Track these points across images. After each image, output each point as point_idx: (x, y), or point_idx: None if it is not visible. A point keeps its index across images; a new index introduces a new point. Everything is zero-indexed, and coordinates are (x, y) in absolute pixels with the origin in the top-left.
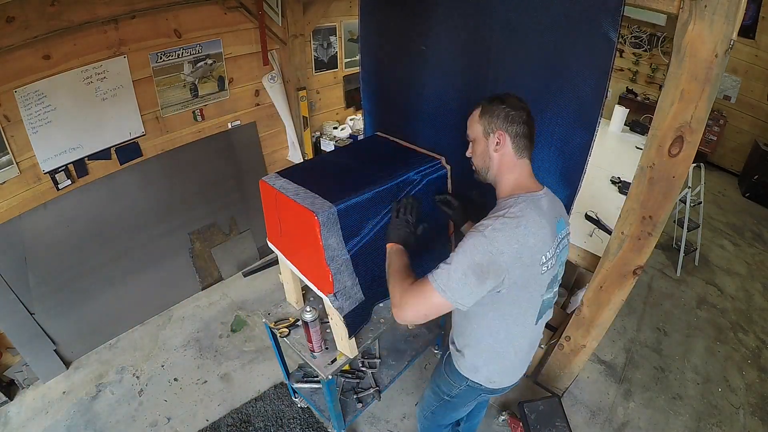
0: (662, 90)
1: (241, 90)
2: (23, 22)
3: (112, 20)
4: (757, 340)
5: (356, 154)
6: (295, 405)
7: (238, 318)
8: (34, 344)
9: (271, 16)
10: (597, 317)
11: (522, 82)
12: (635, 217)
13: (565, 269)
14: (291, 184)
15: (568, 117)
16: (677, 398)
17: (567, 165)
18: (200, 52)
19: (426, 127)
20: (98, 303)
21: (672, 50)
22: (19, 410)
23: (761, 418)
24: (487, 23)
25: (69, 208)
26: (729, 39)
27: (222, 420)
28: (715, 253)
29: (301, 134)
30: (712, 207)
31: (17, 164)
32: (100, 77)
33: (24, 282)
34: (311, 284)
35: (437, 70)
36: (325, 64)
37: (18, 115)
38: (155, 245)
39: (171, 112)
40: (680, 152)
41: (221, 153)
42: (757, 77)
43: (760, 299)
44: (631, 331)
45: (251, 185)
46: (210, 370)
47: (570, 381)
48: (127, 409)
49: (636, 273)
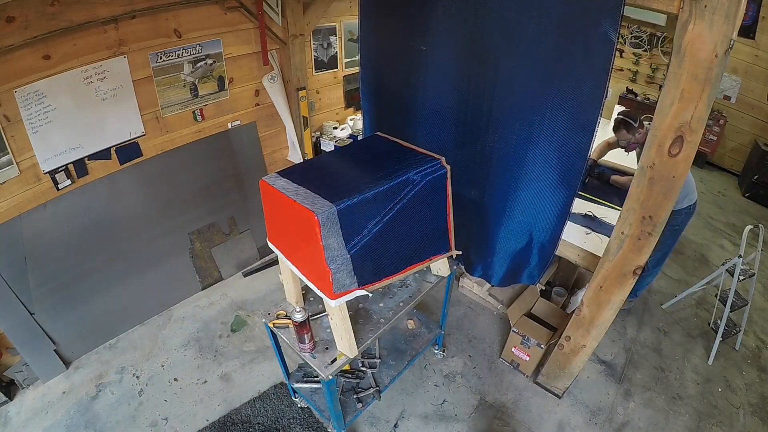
0: (662, 90)
1: (241, 90)
2: (23, 22)
3: (112, 20)
4: (757, 340)
5: (356, 154)
6: (295, 405)
7: (238, 318)
8: (34, 344)
9: (271, 16)
10: (597, 317)
11: (521, 82)
12: (635, 217)
13: (565, 269)
14: (291, 184)
15: (568, 117)
16: (677, 398)
17: (566, 165)
18: (200, 52)
19: (426, 127)
20: (98, 303)
21: (672, 50)
22: (19, 410)
23: (761, 418)
24: (486, 23)
25: (69, 208)
26: (729, 39)
27: (222, 420)
28: (715, 252)
29: (301, 134)
30: (712, 207)
31: (17, 164)
32: (100, 77)
33: (24, 282)
34: (311, 284)
35: (437, 70)
36: (325, 64)
37: (18, 115)
38: (155, 245)
39: (171, 112)
40: (680, 152)
41: (221, 153)
42: (757, 77)
43: (760, 299)
44: (631, 331)
45: (251, 185)
46: (210, 370)
47: (570, 381)
48: (127, 409)
49: (636, 273)
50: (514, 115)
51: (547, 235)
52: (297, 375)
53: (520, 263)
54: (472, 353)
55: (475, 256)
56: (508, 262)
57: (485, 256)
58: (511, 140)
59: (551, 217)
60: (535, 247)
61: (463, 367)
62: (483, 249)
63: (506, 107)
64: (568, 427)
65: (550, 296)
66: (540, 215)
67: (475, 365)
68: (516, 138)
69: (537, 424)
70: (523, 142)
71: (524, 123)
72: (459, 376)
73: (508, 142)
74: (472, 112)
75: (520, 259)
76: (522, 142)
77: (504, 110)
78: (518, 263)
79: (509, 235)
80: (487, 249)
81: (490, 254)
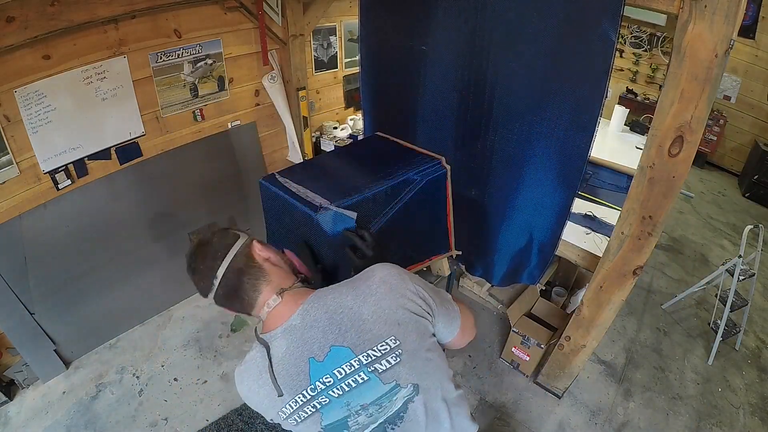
0: (662, 90)
1: (241, 90)
2: (23, 22)
3: (112, 20)
4: (757, 340)
5: (356, 154)
6: None
7: (238, 318)
8: (34, 344)
9: (271, 16)
10: (597, 317)
11: (521, 82)
12: (635, 217)
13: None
14: (291, 184)
15: (568, 117)
16: (677, 398)
17: (566, 165)
18: (200, 52)
19: (425, 126)
20: (98, 303)
21: (672, 50)
22: (19, 410)
23: (761, 418)
24: (486, 23)
25: (69, 208)
26: (729, 39)
27: (222, 420)
28: (715, 252)
29: (301, 134)
30: (712, 207)
31: (17, 164)
32: (100, 77)
33: (24, 282)
34: None
35: (437, 70)
36: (325, 64)
37: (18, 115)
38: (155, 245)
39: (171, 112)
40: (680, 152)
41: (221, 153)
42: (757, 77)
43: (760, 299)
44: (631, 331)
45: (251, 185)
46: (210, 370)
47: (570, 381)
48: (127, 409)
49: (636, 273)
50: (514, 114)
51: (547, 235)
52: None
53: (520, 263)
54: (471, 353)
55: (475, 255)
56: (509, 262)
57: (485, 255)
58: (511, 140)
59: (551, 216)
60: (535, 247)
61: (463, 367)
62: (483, 249)
63: (506, 107)
64: (568, 427)
65: (550, 296)
66: (540, 215)
67: (475, 365)
68: (516, 138)
69: (537, 424)
70: (523, 141)
71: (524, 123)
72: (459, 375)
73: (508, 141)
74: (472, 111)
75: (521, 258)
76: (522, 141)
77: (504, 110)
78: (518, 263)
79: (509, 235)
80: (488, 249)
81: (491, 254)
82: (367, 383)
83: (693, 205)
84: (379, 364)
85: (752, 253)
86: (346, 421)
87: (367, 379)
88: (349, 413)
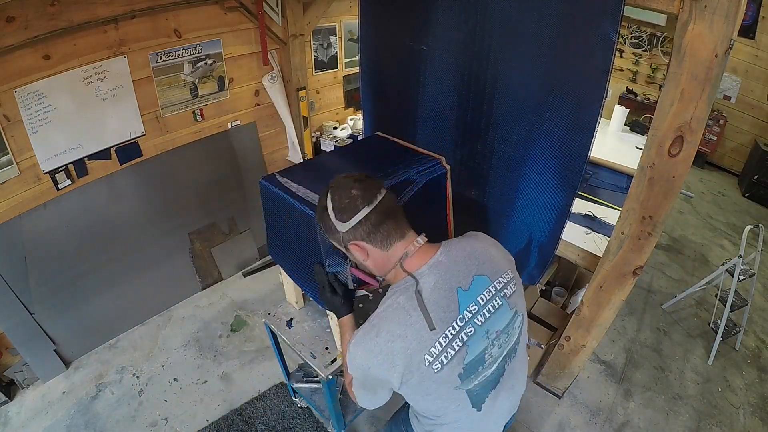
0: (662, 90)
1: (241, 90)
2: (23, 22)
3: (112, 20)
4: (757, 340)
5: (356, 154)
6: (295, 405)
7: (238, 318)
8: (34, 344)
9: (270, 16)
10: (597, 317)
11: (521, 82)
12: (635, 217)
13: (565, 269)
14: (291, 184)
15: (568, 117)
16: (677, 398)
17: (566, 166)
18: (200, 52)
19: (425, 126)
20: (98, 303)
21: (672, 50)
22: (19, 410)
23: (761, 418)
24: (486, 23)
25: (69, 208)
26: (729, 39)
27: (222, 420)
28: (715, 252)
29: (301, 134)
30: (712, 207)
31: (17, 164)
32: (100, 77)
33: (24, 282)
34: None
35: (437, 70)
36: (325, 64)
37: (18, 115)
38: (155, 245)
39: (171, 112)
40: (680, 152)
41: (221, 153)
42: (757, 77)
43: (760, 299)
44: (631, 331)
45: (251, 185)
46: (210, 370)
47: (570, 381)
48: (127, 409)
49: (636, 273)
50: (513, 114)
51: (547, 235)
52: (297, 375)
53: (520, 263)
54: None
55: None
56: None
57: None
58: (511, 140)
59: (551, 216)
60: (535, 247)
61: None
62: None
63: (506, 107)
64: (568, 427)
65: (550, 296)
66: (540, 215)
67: None
68: (516, 138)
69: (537, 424)
70: (523, 141)
71: (524, 123)
72: None
73: (508, 141)
74: (472, 111)
75: (520, 258)
76: (522, 141)
77: (504, 110)
78: (519, 263)
79: (509, 235)
80: None
81: None
82: (500, 309)
83: (693, 205)
84: (507, 289)
85: (752, 253)
86: (483, 356)
87: (501, 305)
88: (487, 344)
